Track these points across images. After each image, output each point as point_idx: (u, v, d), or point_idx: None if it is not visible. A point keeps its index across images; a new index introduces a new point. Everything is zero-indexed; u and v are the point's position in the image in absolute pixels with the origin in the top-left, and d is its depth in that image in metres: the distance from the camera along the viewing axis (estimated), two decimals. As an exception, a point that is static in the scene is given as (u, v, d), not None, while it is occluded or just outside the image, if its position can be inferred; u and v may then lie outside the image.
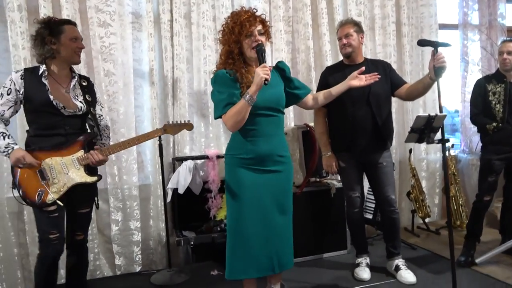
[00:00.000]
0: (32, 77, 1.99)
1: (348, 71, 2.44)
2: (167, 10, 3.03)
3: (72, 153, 2.04)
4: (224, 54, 1.91)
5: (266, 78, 1.73)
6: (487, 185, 2.74)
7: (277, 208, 1.94)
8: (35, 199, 1.96)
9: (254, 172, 1.90)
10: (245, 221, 1.89)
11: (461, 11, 3.97)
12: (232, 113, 1.80)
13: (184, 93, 3.10)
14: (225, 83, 1.86)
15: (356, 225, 2.74)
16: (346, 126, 2.54)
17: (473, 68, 3.95)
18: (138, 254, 2.99)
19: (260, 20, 1.91)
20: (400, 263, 2.64)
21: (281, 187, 1.96)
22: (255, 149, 1.88)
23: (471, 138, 3.96)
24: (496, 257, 2.77)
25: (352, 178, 2.64)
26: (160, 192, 3.02)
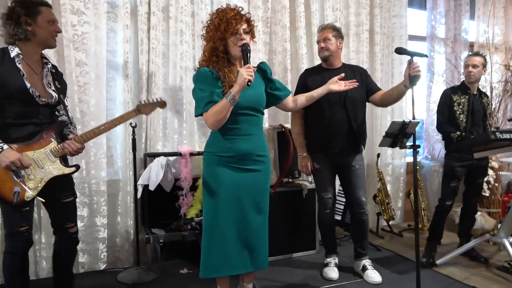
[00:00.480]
0: (4, 59, 1.81)
1: (327, 75, 2.52)
2: (145, 2, 2.96)
3: (44, 145, 1.91)
4: (208, 51, 1.89)
5: (250, 79, 1.73)
6: (450, 190, 2.89)
7: (254, 208, 1.95)
8: (12, 199, 1.80)
9: (233, 170, 1.89)
10: (222, 219, 1.88)
11: (429, 24, 4.16)
12: (214, 112, 1.79)
13: (159, 88, 3.03)
14: (207, 81, 1.85)
15: (327, 226, 2.80)
16: (323, 128, 2.59)
17: (438, 79, 4.16)
18: (103, 252, 2.89)
19: (246, 18, 1.92)
20: (367, 263, 2.72)
21: (259, 186, 1.97)
22: (235, 148, 1.89)
23: (434, 145, 4.16)
24: (455, 258, 2.93)
25: (325, 179, 2.69)
26: (130, 188, 2.94)
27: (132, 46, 2.98)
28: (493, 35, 4.36)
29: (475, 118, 2.86)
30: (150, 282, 2.63)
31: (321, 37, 2.65)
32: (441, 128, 2.92)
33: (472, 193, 3.02)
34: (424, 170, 4.15)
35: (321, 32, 2.68)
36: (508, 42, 4.40)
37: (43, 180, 1.90)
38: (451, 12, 4.19)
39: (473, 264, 2.92)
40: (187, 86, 3.11)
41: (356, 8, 3.75)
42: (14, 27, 1.84)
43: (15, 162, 1.77)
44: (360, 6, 3.74)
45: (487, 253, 3.13)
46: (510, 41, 4.39)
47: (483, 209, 3.66)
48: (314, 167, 2.69)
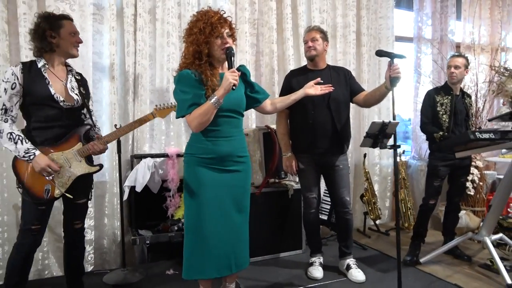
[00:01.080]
0: (32, 70, 2.01)
1: (311, 76, 2.55)
2: (131, 4, 2.97)
3: (71, 146, 2.10)
4: (191, 54, 1.89)
5: (235, 83, 1.76)
6: (433, 189, 2.93)
7: (236, 207, 1.97)
8: (43, 196, 2.02)
9: (213, 171, 1.91)
10: (204, 220, 1.90)
11: (416, 25, 4.21)
12: (197, 114, 1.81)
13: (145, 89, 3.05)
14: (190, 84, 1.85)
15: (312, 226, 2.83)
16: (307, 129, 2.62)
17: (425, 79, 4.20)
18: (90, 254, 2.90)
19: (229, 23, 1.94)
20: (351, 262, 2.76)
21: (240, 186, 1.99)
22: (216, 149, 1.90)
23: (421, 145, 4.21)
24: (439, 257, 2.97)
25: (310, 179, 2.72)
26: (116, 189, 2.95)
27: (119, 48, 2.99)
28: (479, 36, 4.42)
29: (458, 118, 2.91)
30: (136, 283, 2.64)
31: (308, 37, 2.68)
32: (424, 128, 2.96)
33: (455, 192, 3.06)
34: (411, 170, 4.20)
35: (309, 32, 2.71)
36: (494, 43, 4.46)
37: (71, 179, 2.10)
38: (437, 14, 4.24)
39: (456, 262, 2.96)
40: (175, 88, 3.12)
41: (343, 10, 3.78)
42: (40, 41, 2.03)
43: (45, 168, 1.98)
44: (347, 8, 3.78)
45: (470, 251, 3.18)
46: (495, 42, 4.46)
47: (468, 207, 3.71)
48: (299, 167, 2.71)
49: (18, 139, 1.96)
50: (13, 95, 1.97)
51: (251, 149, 3.06)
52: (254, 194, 2.95)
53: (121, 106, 3.03)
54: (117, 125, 2.74)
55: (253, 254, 2.91)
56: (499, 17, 4.48)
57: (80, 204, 2.24)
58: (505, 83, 4.03)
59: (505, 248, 3.12)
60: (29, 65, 2.02)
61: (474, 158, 3.70)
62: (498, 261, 2.58)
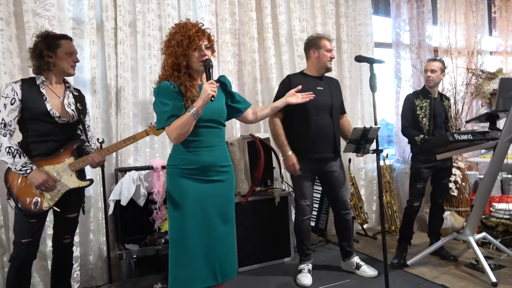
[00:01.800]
0: (30, 87, 2.08)
1: (312, 81, 2.68)
2: (111, 17, 2.97)
3: (63, 160, 2.14)
4: (170, 65, 1.89)
5: (213, 95, 1.77)
6: (416, 192, 2.98)
7: (220, 217, 1.96)
8: (31, 208, 2.06)
9: (197, 182, 1.91)
10: (189, 231, 1.88)
11: (394, 31, 4.31)
12: (176, 126, 1.81)
13: (128, 102, 3.03)
14: (169, 95, 1.86)
15: (303, 233, 2.82)
16: (308, 133, 2.65)
17: (405, 84, 4.29)
18: (76, 270, 2.84)
19: (207, 35, 1.94)
20: (358, 260, 2.86)
21: (224, 196, 1.99)
22: (198, 160, 1.90)
23: (404, 148, 4.27)
24: (425, 258, 3.01)
25: (305, 187, 2.74)
26: (101, 204, 2.91)
27: (100, 62, 2.98)
28: (455, 40, 4.54)
29: (437, 121, 2.97)
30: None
31: (331, 46, 2.76)
32: (405, 132, 3.01)
33: (438, 193, 3.11)
34: (395, 173, 4.25)
35: (330, 42, 2.78)
36: (470, 47, 4.59)
37: (60, 192, 2.12)
38: (414, 19, 4.34)
39: (443, 263, 3.00)
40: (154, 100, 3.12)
41: (323, 18, 3.85)
42: (38, 60, 2.11)
43: (43, 183, 2.03)
44: (326, 16, 3.85)
45: (456, 251, 3.23)
46: (471, 46, 4.58)
47: (452, 208, 3.77)
48: (297, 173, 2.70)
49: (16, 153, 2.02)
50: (12, 110, 2.03)
51: (236, 158, 3.06)
52: (240, 203, 2.95)
53: (104, 119, 3.01)
54: (99, 139, 2.73)
55: (241, 264, 2.91)
56: (474, 21, 4.62)
57: (71, 218, 2.27)
58: (482, 85, 4.16)
59: (489, 247, 3.18)
60: (29, 82, 2.11)
61: (456, 159, 3.77)
62: (483, 260, 2.63)
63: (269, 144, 3.22)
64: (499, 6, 4.88)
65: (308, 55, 2.82)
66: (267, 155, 3.15)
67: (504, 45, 4.93)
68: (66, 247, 2.31)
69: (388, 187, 3.93)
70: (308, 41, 2.84)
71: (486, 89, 4.10)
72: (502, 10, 4.91)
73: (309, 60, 2.82)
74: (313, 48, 2.75)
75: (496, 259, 3.01)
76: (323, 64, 2.74)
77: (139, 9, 3.05)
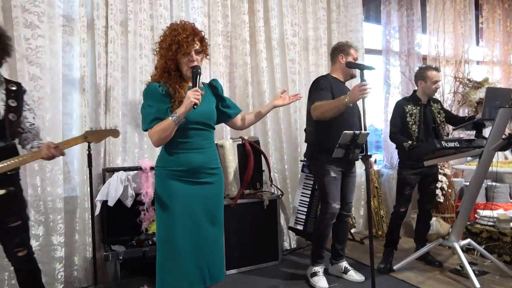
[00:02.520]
0: None
1: (343, 86, 2.83)
2: (102, 16, 2.94)
3: None
4: (161, 67, 1.89)
5: (196, 102, 1.76)
6: (403, 198, 3.01)
7: (209, 220, 1.95)
8: None
9: (185, 183, 1.89)
10: (177, 233, 1.87)
11: (384, 38, 4.37)
12: (158, 130, 1.80)
13: (117, 102, 3.00)
14: (154, 97, 1.85)
15: (327, 236, 2.79)
16: None
17: (394, 90, 4.34)
18: (60, 272, 2.79)
19: (199, 38, 1.90)
20: (346, 265, 2.90)
21: (213, 198, 1.98)
22: (187, 162, 1.88)
23: (392, 154, 4.32)
24: (411, 263, 3.04)
25: (338, 190, 2.74)
26: (88, 204, 2.87)
27: (89, 60, 2.95)
28: (444, 49, 4.62)
29: (427, 128, 3.00)
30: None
31: (357, 55, 2.86)
32: (393, 138, 3.03)
33: (426, 199, 3.15)
34: (383, 179, 4.30)
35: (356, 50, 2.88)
36: (458, 56, 4.67)
37: None
38: (404, 28, 4.41)
39: (428, 268, 3.03)
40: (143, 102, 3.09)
41: (314, 23, 3.88)
42: None
43: None
44: (318, 22, 3.88)
45: (442, 256, 3.27)
46: (459, 55, 4.67)
47: (438, 214, 3.82)
48: (331, 176, 2.70)
49: None
50: None
51: (226, 161, 3.05)
52: (229, 206, 2.94)
53: (92, 118, 2.97)
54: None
55: (229, 266, 2.90)
56: (462, 31, 4.71)
57: (14, 227, 2.03)
58: (469, 94, 4.23)
59: (474, 253, 3.23)
60: None
61: (442, 166, 3.83)
62: (467, 266, 2.67)
63: (259, 147, 3.23)
64: (486, 17, 5.00)
65: (335, 60, 2.87)
66: (257, 158, 3.15)
67: (490, 55, 5.04)
68: (24, 260, 2.07)
69: (376, 192, 3.96)
70: (337, 46, 2.91)
71: (472, 97, 4.18)
72: (489, 21, 5.03)
73: (335, 65, 2.87)
74: (342, 53, 2.82)
75: (480, 265, 3.06)
76: (349, 70, 2.81)
77: (131, 8, 3.03)
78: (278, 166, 3.68)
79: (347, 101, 2.39)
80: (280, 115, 3.65)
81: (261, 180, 3.23)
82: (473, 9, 4.89)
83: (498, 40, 5.10)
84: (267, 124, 3.60)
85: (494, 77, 4.99)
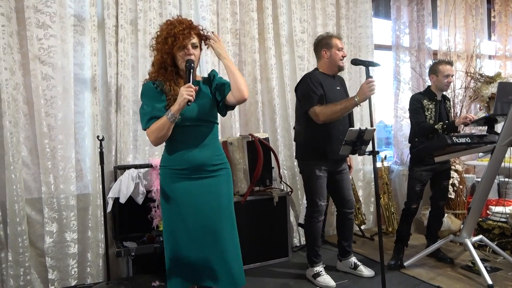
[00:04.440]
0: None
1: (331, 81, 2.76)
2: (112, 15, 2.97)
3: None
4: (158, 62, 1.87)
5: (190, 99, 1.72)
6: (415, 194, 2.99)
7: (214, 218, 1.89)
8: None
9: (188, 181, 1.87)
10: (178, 232, 1.87)
11: (394, 34, 4.33)
12: (154, 129, 1.78)
13: (128, 100, 3.04)
14: (149, 96, 1.84)
15: (318, 233, 2.80)
16: (334, 135, 2.66)
17: (404, 86, 4.31)
18: (74, 268, 2.85)
19: (196, 32, 1.88)
20: (356, 260, 2.89)
21: (218, 194, 1.91)
22: (188, 159, 1.86)
23: (402, 150, 4.29)
24: (422, 260, 3.02)
25: (324, 187, 2.74)
26: (100, 201, 2.92)
27: (100, 59, 2.98)
28: (455, 44, 4.56)
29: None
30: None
31: (342, 45, 2.73)
32: (423, 127, 2.90)
33: (439, 196, 3.11)
34: (393, 175, 4.27)
35: (340, 40, 2.74)
36: (469, 50, 4.61)
37: None
38: (414, 22, 4.36)
39: (439, 265, 3.01)
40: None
41: (323, 20, 3.86)
42: None
43: None
44: (327, 18, 3.86)
45: (453, 253, 3.24)
46: (470, 49, 4.60)
47: (449, 210, 3.79)
48: (317, 175, 2.70)
49: None
50: None
51: (235, 158, 3.07)
52: (239, 203, 2.96)
53: (104, 117, 3.01)
54: (99, 136, 2.74)
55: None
56: (473, 25, 4.64)
57: None
58: (481, 89, 4.18)
59: (486, 250, 3.20)
60: None
61: (454, 162, 3.79)
62: (479, 263, 2.64)
63: (268, 144, 3.24)
64: (499, 11, 4.91)
65: (319, 55, 2.78)
66: (266, 155, 3.16)
67: (503, 49, 4.96)
68: None
69: (386, 189, 3.94)
70: (317, 41, 2.79)
71: (484, 92, 4.13)
72: (502, 15, 4.94)
73: (321, 60, 2.77)
74: (325, 47, 2.71)
75: (493, 261, 3.03)
76: (335, 63, 2.71)
77: (140, 7, 3.06)
78: (288, 163, 3.68)
79: (357, 100, 2.42)
80: (289, 112, 3.65)
81: (270, 177, 3.24)
82: (485, 3, 4.81)
83: (511, 34, 5.01)
84: (276, 121, 3.60)
85: (506, 71, 4.91)
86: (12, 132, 2.65)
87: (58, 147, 2.78)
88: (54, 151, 2.78)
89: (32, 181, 2.81)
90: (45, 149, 2.75)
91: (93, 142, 2.93)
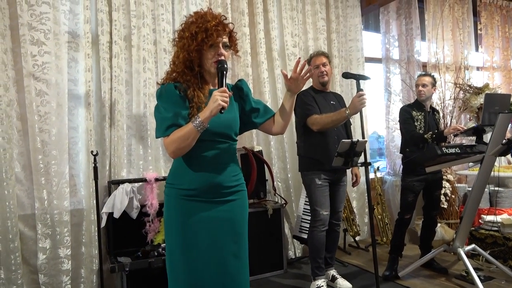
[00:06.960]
0: None
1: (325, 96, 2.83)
2: (106, 31, 3.01)
3: None
4: (182, 61, 1.59)
5: (224, 106, 1.46)
6: (407, 204, 3.02)
7: (228, 247, 1.68)
8: None
9: (199, 204, 1.60)
10: (187, 262, 1.61)
11: (384, 47, 4.42)
12: (176, 137, 1.51)
13: (122, 115, 3.06)
14: (172, 100, 1.56)
15: (321, 245, 2.76)
16: (332, 144, 2.70)
17: (395, 98, 4.38)
18: (67, 284, 2.82)
19: (229, 30, 1.63)
20: (334, 273, 2.89)
21: (233, 220, 1.67)
22: (201, 180, 1.59)
23: (395, 161, 4.34)
24: (417, 270, 3.04)
25: (326, 197, 2.75)
26: (94, 217, 2.90)
27: (94, 75, 3.01)
28: (443, 56, 4.66)
29: None
30: (115, 313, 2.58)
31: (319, 61, 2.80)
32: (414, 136, 2.96)
33: (431, 206, 3.15)
34: (386, 186, 4.30)
35: (317, 57, 2.84)
36: (457, 62, 4.71)
37: None
38: (403, 36, 4.46)
39: (434, 275, 3.03)
40: (151, 112, 3.14)
41: (314, 34, 3.94)
42: None
43: None
44: (318, 32, 3.94)
45: (447, 262, 3.26)
46: (459, 61, 4.71)
47: (442, 220, 3.82)
48: (317, 184, 2.73)
49: None
50: None
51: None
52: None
53: (98, 132, 3.02)
54: (93, 151, 2.75)
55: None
56: (461, 38, 4.76)
57: None
58: (469, 100, 4.26)
59: (479, 259, 3.22)
60: None
61: (446, 172, 3.84)
62: (472, 272, 2.66)
63: (262, 157, 3.26)
64: (485, 24, 5.04)
65: None
66: (260, 168, 3.18)
67: (490, 60, 5.08)
68: None
69: (380, 200, 3.97)
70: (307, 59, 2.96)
71: (473, 103, 4.21)
72: (488, 27, 5.07)
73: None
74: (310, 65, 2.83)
75: (486, 270, 3.05)
76: (316, 79, 2.85)
77: (134, 24, 3.10)
78: (282, 175, 3.70)
79: (348, 113, 2.48)
80: (282, 125, 3.68)
81: (264, 190, 3.26)
82: (471, 16, 4.94)
83: (497, 45, 5.14)
84: (269, 133, 3.63)
85: (494, 82, 5.01)
86: (6, 148, 2.65)
87: (52, 162, 2.78)
88: (47, 166, 2.77)
89: (26, 197, 2.80)
90: (39, 164, 2.75)
91: (87, 157, 2.94)
